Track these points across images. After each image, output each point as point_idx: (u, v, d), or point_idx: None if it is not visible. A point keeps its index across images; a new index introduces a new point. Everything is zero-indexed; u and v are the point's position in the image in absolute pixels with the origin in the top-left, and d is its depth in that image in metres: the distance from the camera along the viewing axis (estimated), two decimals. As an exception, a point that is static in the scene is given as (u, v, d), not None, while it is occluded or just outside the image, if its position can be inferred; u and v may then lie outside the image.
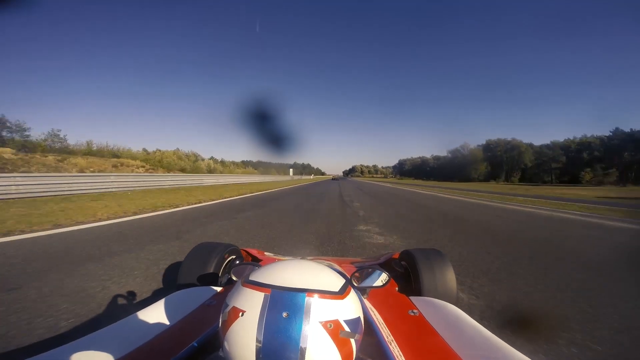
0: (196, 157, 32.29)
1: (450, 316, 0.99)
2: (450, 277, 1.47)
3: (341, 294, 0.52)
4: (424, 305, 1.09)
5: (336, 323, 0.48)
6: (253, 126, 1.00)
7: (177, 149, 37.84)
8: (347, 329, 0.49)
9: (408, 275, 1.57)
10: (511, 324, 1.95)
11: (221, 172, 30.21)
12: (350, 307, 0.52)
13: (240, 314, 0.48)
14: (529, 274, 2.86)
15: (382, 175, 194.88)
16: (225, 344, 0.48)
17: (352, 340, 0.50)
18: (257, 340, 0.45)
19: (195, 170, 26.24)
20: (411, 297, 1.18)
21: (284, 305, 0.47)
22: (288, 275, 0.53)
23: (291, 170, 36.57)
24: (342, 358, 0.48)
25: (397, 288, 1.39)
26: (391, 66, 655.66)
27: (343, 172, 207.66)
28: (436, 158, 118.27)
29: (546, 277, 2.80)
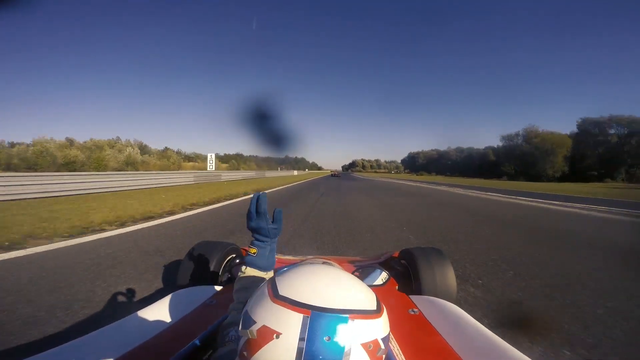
0: (121, 147, 26.80)
1: (450, 315, 1.00)
2: (450, 276, 1.48)
3: (378, 312, 0.49)
4: (424, 304, 1.10)
5: (375, 343, 0.46)
6: (244, 120, 1.00)
7: (117, 137, 32.37)
8: (383, 346, 0.47)
9: (408, 274, 1.55)
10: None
11: (147, 169, 24.34)
12: (385, 325, 0.50)
13: (275, 335, 0.43)
14: None
15: (386, 170, 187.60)
16: None
17: (384, 356, 0.49)
18: None
19: (97, 165, 20.70)
20: (411, 296, 1.20)
21: (327, 329, 0.43)
22: (324, 291, 0.48)
23: (211, 156, 19.57)
24: None
25: (397, 287, 1.40)
26: (393, 53, 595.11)
27: (342, 167, 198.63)
28: (459, 150, 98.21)
29: None
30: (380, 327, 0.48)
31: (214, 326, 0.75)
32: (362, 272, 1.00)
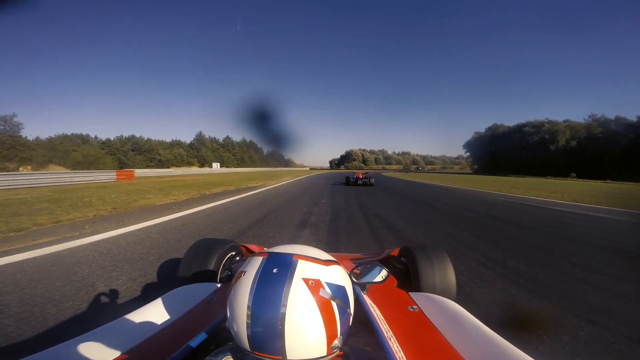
0: None
1: (449, 312, 1.01)
2: (449, 274, 1.50)
3: (325, 262, 0.63)
4: (423, 301, 1.12)
5: (317, 282, 0.57)
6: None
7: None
8: (328, 289, 0.58)
9: (408, 272, 1.58)
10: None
11: None
12: (333, 274, 0.61)
13: (242, 274, 0.59)
14: None
15: (399, 167, 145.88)
16: (228, 301, 0.59)
17: (334, 304, 0.58)
18: (251, 291, 0.55)
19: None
20: (411, 293, 1.23)
21: (276, 264, 0.59)
22: (287, 248, 0.65)
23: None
24: (321, 315, 0.55)
25: (396, 284, 1.42)
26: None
27: (331, 163, 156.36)
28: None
29: None
30: (325, 272, 0.60)
31: (215, 323, 0.77)
32: (362, 269, 0.97)
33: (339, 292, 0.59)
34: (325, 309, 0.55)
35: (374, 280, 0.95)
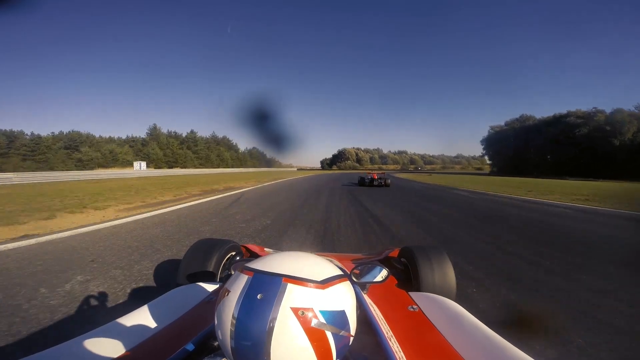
0: None
1: (449, 312, 1.01)
2: (449, 274, 1.49)
3: (322, 284, 0.53)
4: (423, 301, 1.12)
5: (309, 311, 0.49)
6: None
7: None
8: (322, 319, 0.49)
9: (408, 272, 1.58)
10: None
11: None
12: (331, 299, 0.52)
13: (227, 293, 0.53)
14: None
15: (397, 167, 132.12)
16: (216, 313, 0.54)
17: (329, 334, 0.50)
18: (233, 318, 0.49)
19: None
20: (410, 293, 1.22)
21: (261, 288, 0.50)
22: (278, 262, 0.55)
23: None
24: (313, 348, 0.48)
25: (396, 284, 1.43)
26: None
27: (322, 163, 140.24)
28: None
29: None
30: (320, 298, 0.50)
31: (214, 324, 0.73)
32: (362, 269, 0.94)
33: (336, 318, 0.51)
34: (318, 340, 0.48)
35: (374, 280, 0.92)
